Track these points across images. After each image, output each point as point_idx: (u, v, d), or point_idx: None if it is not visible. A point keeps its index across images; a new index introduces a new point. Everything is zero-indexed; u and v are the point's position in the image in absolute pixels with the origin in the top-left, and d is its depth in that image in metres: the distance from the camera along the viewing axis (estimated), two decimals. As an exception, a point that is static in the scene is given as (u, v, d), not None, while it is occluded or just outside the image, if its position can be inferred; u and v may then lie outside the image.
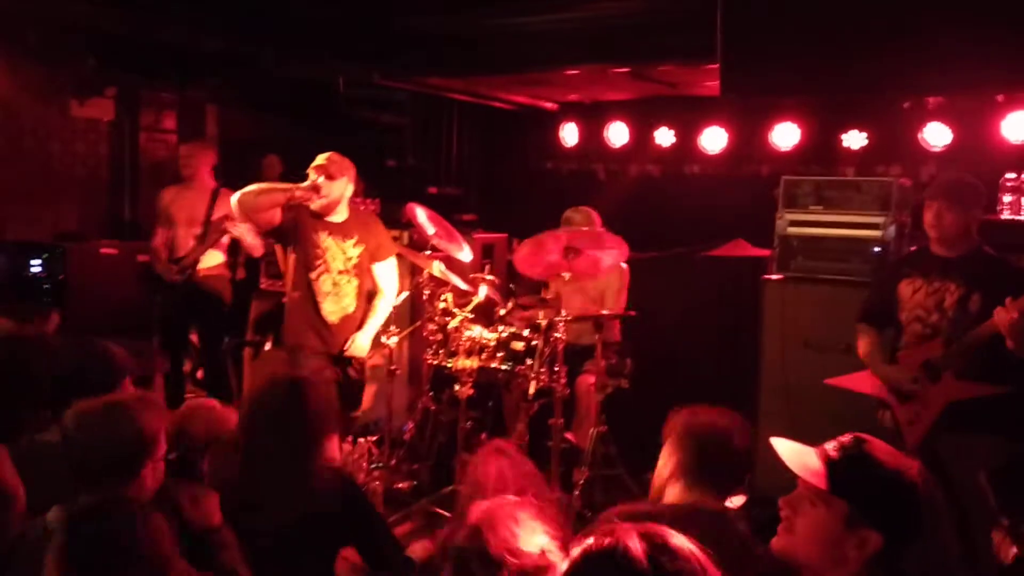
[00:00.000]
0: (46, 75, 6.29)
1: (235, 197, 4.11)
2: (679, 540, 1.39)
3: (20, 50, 6.02)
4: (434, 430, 5.08)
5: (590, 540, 1.40)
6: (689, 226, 6.12)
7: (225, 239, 5.63)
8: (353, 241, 4.33)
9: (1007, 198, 4.91)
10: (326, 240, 4.29)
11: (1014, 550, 2.41)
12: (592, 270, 4.75)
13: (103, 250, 6.07)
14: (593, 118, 6.86)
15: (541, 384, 4.58)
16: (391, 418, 4.95)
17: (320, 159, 4.23)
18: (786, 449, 1.78)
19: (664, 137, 6.50)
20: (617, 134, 6.72)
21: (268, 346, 6.18)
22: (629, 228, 5.39)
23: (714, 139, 6.25)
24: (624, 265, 5.20)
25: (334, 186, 4.23)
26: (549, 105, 7.09)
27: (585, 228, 4.88)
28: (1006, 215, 4.89)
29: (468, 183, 7.62)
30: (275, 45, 5.98)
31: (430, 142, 7.42)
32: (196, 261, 5.53)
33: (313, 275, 4.28)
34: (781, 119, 5.89)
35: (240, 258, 6.85)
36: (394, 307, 4.67)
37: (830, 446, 1.77)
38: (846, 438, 1.77)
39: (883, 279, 3.87)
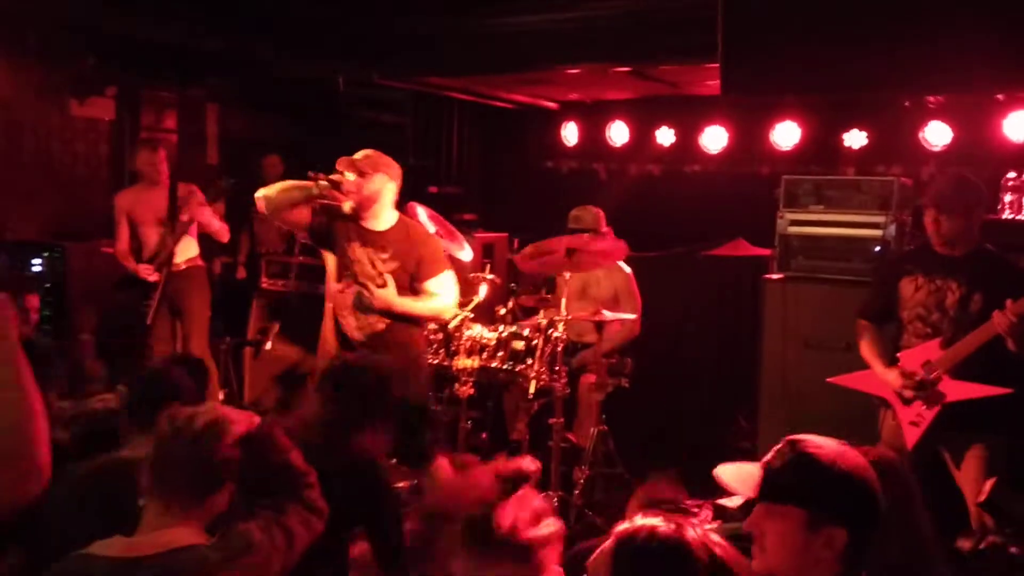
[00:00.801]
0: (46, 74, 6.28)
1: (259, 194, 3.93)
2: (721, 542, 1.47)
3: (20, 50, 6.01)
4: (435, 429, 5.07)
5: (652, 523, 1.48)
6: (690, 225, 6.13)
7: (193, 228, 5.63)
8: (387, 255, 3.93)
9: (1008, 197, 4.89)
10: (358, 250, 3.94)
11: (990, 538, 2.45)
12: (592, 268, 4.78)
13: (103, 249, 6.06)
14: (594, 117, 6.86)
15: (541, 384, 4.58)
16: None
17: (358, 155, 3.91)
18: (728, 473, 1.80)
19: (665, 136, 6.51)
20: (618, 133, 6.73)
21: (268, 345, 6.19)
22: (630, 227, 5.41)
23: (715, 138, 6.25)
24: (627, 269, 5.21)
25: (366, 184, 3.86)
26: (550, 104, 7.09)
27: (589, 232, 4.89)
28: (1007, 215, 4.88)
29: (468, 182, 7.61)
30: (275, 44, 5.97)
31: (430, 141, 7.42)
32: (171, 254, 5.53)
33: (339, 286, 4.01)
34: (782, 118, 5.89)
35: (240, 258, 6.87)
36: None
37: (767, 457, 1.77)
38: (781, 444, 1.77)
39: (884, 276, 3.85)
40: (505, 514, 1.76)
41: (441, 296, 4.00)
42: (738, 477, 1.79)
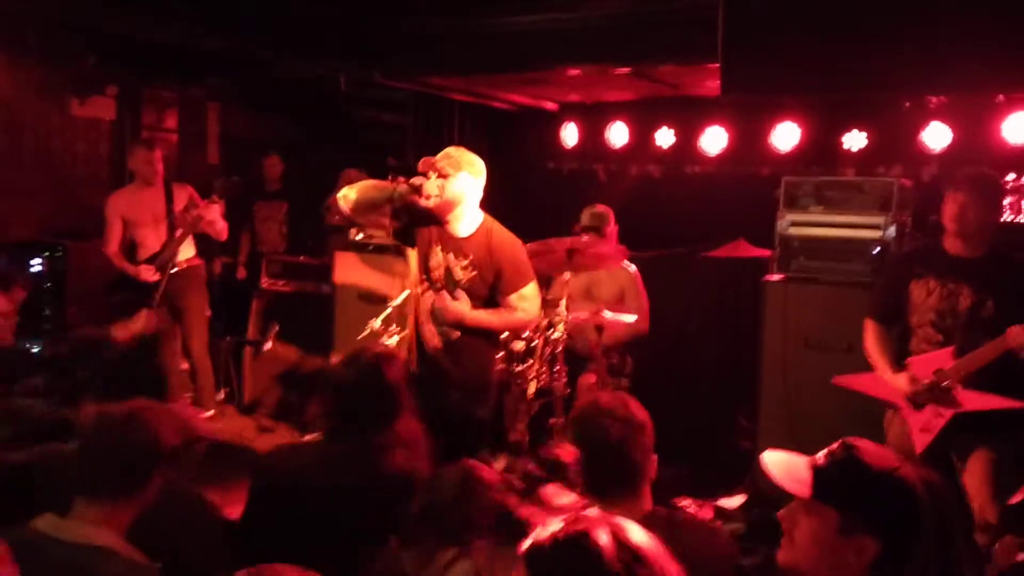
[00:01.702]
0: (47, 74, 6.29)
1: (341, 194, 3.83)
2: (641, 536, 1.41)
3: (21, 49, 6.02)
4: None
5: (559, 526, 1.42)
6: (690, 226, 6.13)
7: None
8: (466, 262, 3.75)
9: (1007, 199, 4.91)
10: (439, 255, 3.79)
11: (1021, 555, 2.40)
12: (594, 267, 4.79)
13: (104, 249, 6.07)
14: (594, 118, 6.86)
15: (541, 384, 4.58)
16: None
17: (438, 156, 3.71)
18: (775, 461, 1.76)
19: (664, 137, 6.50)
20: (617, 134, 6.72)
21: (268, 345, 6.19)
22: (630, 228, 5.42)
23: (715, 140, 6.25)
24: (632, 267, 5.22)
25: (447, 186, 3.65)
26: (550, 105, 7.09)
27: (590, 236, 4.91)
28: (1007, 216, 4.89)
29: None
30: (276, 44, 5.98)
31: (431, 141, 7.41)
32: (174, 255, 5.53)
33: (420, 290, 3.89)
34: (782, 120, 5.89)
35: (241, 257, 6.87)
36: (396, 307, 4.33)
37: (820, 454, 1.75)
38: (835, 445, 1.74)
39: (893, 276, 3.76)
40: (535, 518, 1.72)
41: (520, 311, 3.79)
42: (782, 464, 1.74)
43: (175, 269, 5.53)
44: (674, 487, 4.57)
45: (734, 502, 4.62)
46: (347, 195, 3.80)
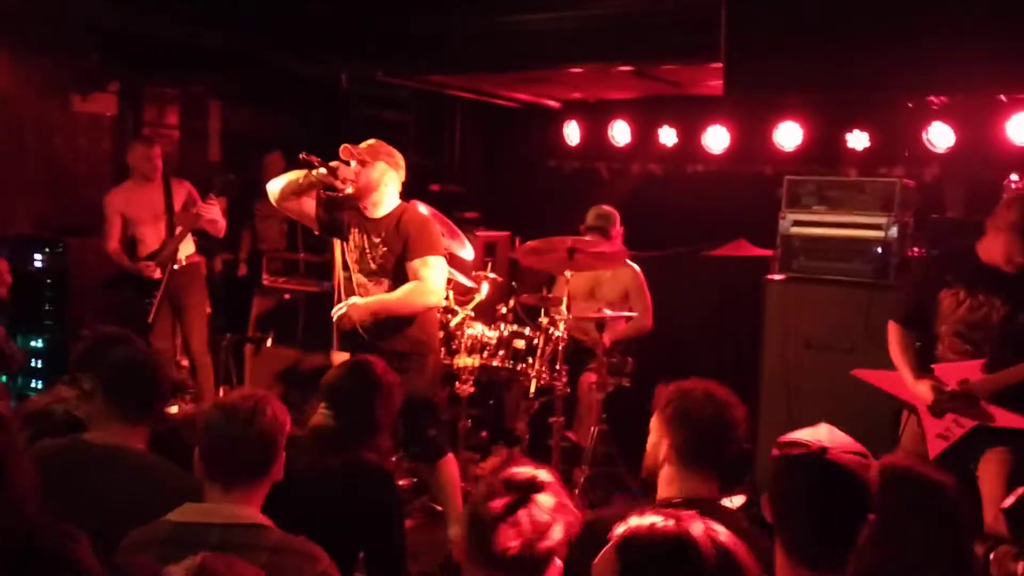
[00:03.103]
0: (48, 70, 6.27)
1: (268, 187, 4.04)
2: (728, 537, 1.45)
3: (22, 45, 6.01)
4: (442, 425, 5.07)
5: (658, 519, 1.45)
6: (691, 225, 6.12)
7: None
8: (378, 240, 3.95)
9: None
10: (356, 237, 4.00)
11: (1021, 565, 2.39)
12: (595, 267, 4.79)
13: (104, 246, 6.06)
14: (596, 117, 6.86)
15: (542, 383, 4.58)
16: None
17: (361, 144, 3.91)
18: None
19: (667, 136, 6.50)
20: (620, 133, 6.72)
21: (269, 342, 6.19)
22: (631, 227, 5.41)
23: (717, 139, 6.24)
24: (636, 266, 5.22)
25: (365, 172, 3.86)
26: (552, 103, 7.08)
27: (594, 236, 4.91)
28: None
29: (470, 181, 7.61)
30: (279, 41, 5.97)
31: (433, 140, 7.42)
32: (175, 252, 5.52)
33: (344, 274, 4.06)
34: (784, 119, 5.88)
35: (242, 255, 6.87)
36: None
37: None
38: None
39: (923, 283, 3.65)
40: (505, 533, 1.72)
41: (422, 280, 3.84)
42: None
43: (176, 266, 5.53)
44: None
45: (734, 502, 4.61)
46: (271, 188, 4.00)
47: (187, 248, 5.66)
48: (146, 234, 5.57)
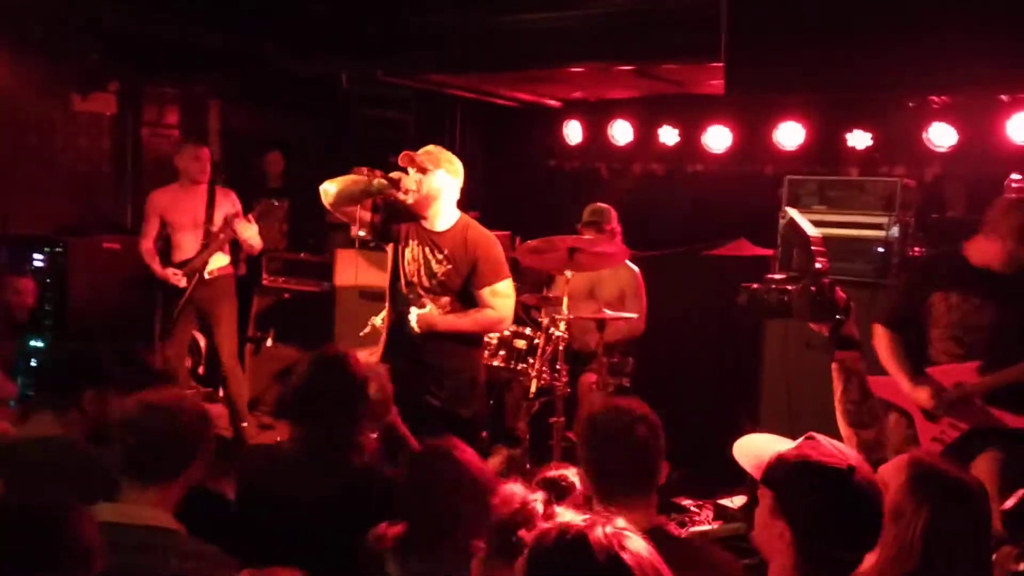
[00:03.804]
0: (49, 69, 6.27)
1: (323, 187, 3.80)
2: (639, 546, 1.42)
3: (23, 44, 6.00)
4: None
5: (563, 526, 1.44)
6: (692, 225, 6.12)
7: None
8: (441, 256, 3.76)
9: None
10: (415, 249, 3.81)
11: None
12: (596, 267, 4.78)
13: (105, 245, 6.06)
14: (597, 116, 6.85)
15: (542, 383, 4.58)
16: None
17: (419, 152, 3.75)
18: (753, 440, 1.89)
19: (668, 136, 6.49)
20: (621, 132, 6.71)
21: (269, 342, 6.19)
22: (632, 227, 5.40)
23: (718, 138, 6.23)
24: (635, 268, 5.21)
25: (426, 180, 3.70)
26: (553, 102, 7.07)
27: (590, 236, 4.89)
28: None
29: (471, 180, 7.52)
30: (279, 41, 5.96)
31: (433, 139, 7.36)
32: (204, 263, 5.46)
33: (399, 285, 3.85)
34: (785, 118, 5.87)
35: (241, 254, 6.86)
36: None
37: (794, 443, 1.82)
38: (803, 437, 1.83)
39: (913, 286, 3.65)
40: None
41: (493, 308, 3.76)
42: (756, 444, 1.87)
43: (207, 277, 5.46)
44: (674, 487, 4.56)
45: (735, 502, 4.61)
46: (327, 189, 3.80)
47: (220, 260, 5.57)
48: (183, 240, 5.49)
